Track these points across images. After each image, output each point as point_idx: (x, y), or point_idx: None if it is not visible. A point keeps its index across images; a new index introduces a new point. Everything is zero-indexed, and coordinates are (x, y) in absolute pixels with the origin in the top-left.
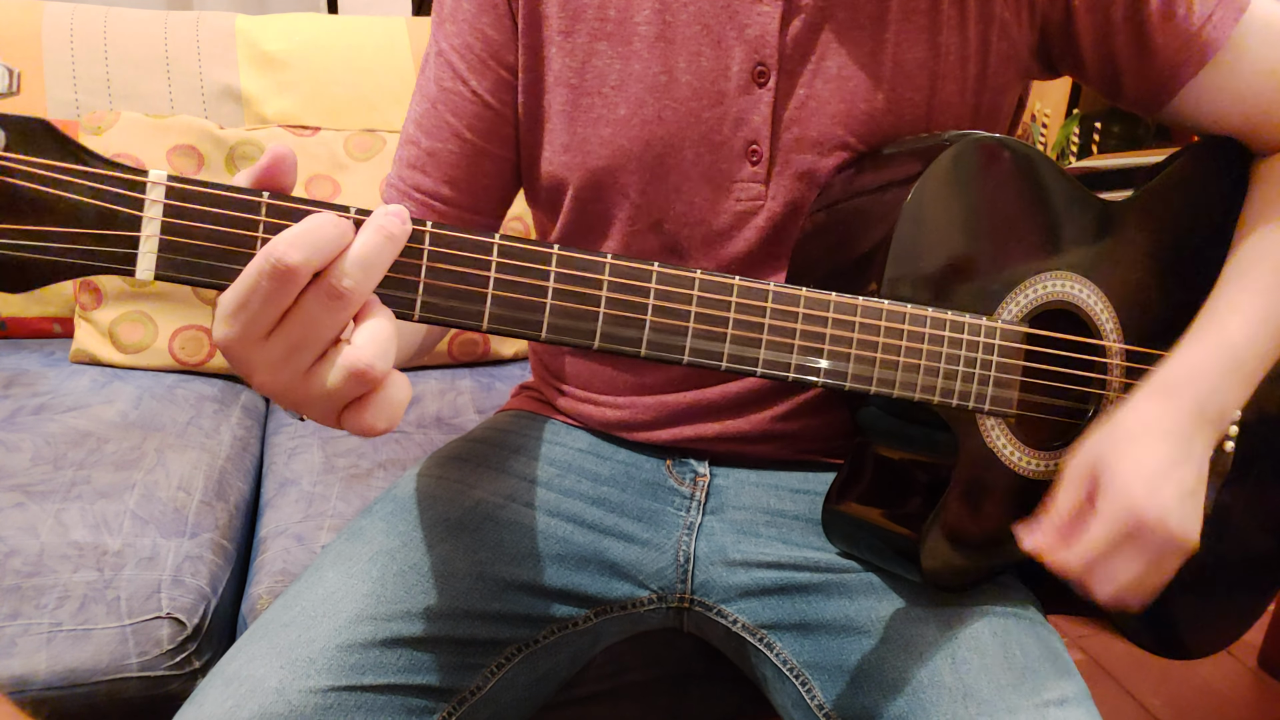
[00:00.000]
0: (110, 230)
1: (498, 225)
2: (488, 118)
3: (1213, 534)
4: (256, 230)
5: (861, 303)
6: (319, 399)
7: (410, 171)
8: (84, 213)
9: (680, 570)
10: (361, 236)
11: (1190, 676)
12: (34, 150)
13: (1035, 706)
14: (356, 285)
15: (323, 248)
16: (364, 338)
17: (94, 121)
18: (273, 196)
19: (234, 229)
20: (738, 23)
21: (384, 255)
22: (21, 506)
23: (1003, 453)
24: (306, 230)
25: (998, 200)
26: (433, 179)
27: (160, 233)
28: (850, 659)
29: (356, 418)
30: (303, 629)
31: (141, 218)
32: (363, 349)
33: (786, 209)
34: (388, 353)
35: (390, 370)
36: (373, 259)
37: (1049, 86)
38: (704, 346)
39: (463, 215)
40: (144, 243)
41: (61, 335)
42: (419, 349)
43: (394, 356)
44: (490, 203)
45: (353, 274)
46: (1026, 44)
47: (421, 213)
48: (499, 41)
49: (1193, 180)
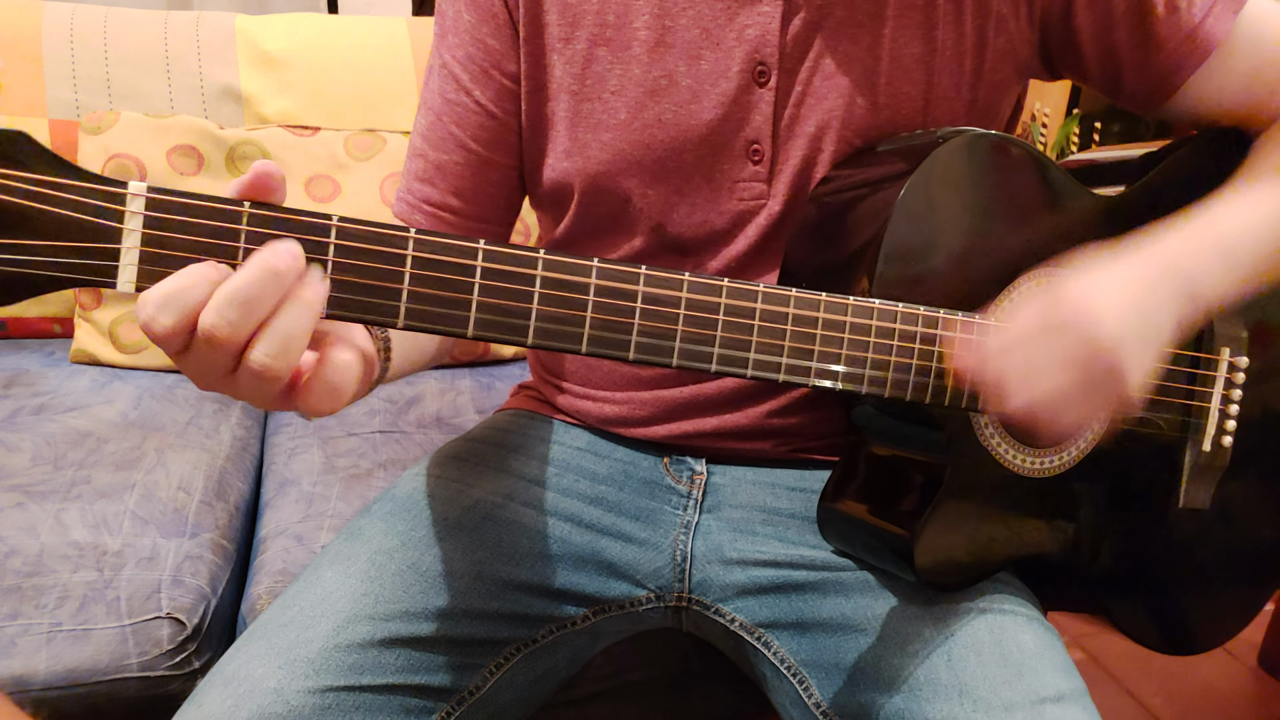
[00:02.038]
0: (91, 243)
1: (507, 234)
2: (492, 127)
3: (1211, 528)
4: (238, 240)
5: (852, 302)
6: (249, 396)
7: (419, 184)
8: (65, 225)
9: (677, 569)
10: (242, 273)
11: (1190, 675)
12: (15, 164)
13: (1032, 704)
14: (234, 327)
15: (188, 306)
16: (263, 336)
17: (94, 121)
18: (254, 206)
19: (215, 239)
20: (738, 24)
21: (267, 290)
22: (21, 506)
23: (997, 451)
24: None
25: (991, 196)
26: (440, 191)
27: (140, 244)
28: (847, 657)
29: (302, 402)
30: (301, 629)
31: (122, 230)
32: (257, 349)
33: (787, 207)
34: (286, 351)
35: (328, 354)
36: (252, 294)
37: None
38: (693, 349)
39: (470, 225)
40: (124, 254)
41: (61, 335)
42: (436, 353)
43: (297, 351)
44: (498, 211)
45: (227, 314)
46: (1025, 40)
47: (431, 225)
48: (500, 51)
49: (1189, 175)
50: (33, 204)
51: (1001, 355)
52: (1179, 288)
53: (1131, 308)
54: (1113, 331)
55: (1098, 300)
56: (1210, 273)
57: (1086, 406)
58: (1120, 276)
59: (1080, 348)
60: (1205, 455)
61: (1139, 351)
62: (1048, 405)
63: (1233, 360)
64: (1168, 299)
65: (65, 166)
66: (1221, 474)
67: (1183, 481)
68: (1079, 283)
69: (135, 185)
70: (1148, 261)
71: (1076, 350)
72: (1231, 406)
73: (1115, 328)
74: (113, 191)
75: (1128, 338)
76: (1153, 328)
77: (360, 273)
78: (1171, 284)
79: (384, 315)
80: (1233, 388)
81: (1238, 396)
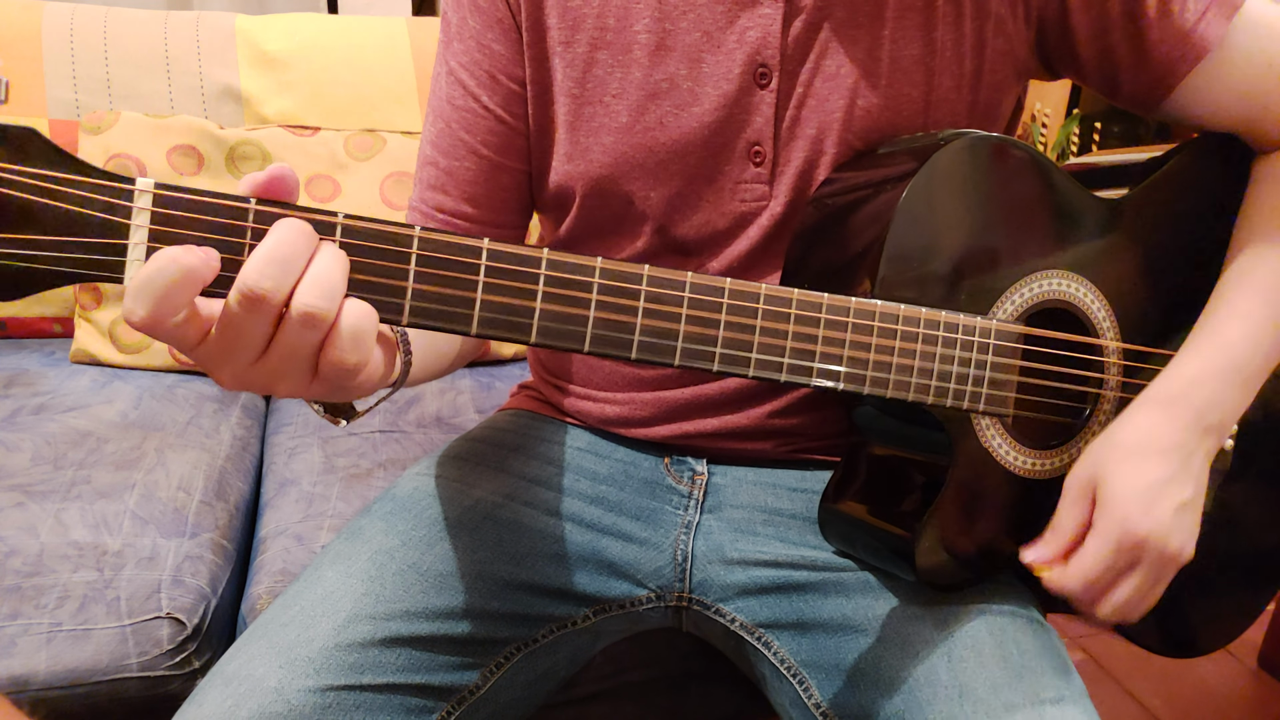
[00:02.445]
0: (99, 238)
1: (521, 237)
2: (501, 132)
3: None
4: (244, 237)
5: (854, 303)
6: (283, 366)
7: (431, 192)
8: (73, 221)
9: (678, 569)
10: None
11: (1190, 676)
12: (24, 159)
13: (1032, 705)
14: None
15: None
16: (306, 283)
17: (94, 121)
18: (259, 203)
19: (221, 235)
20: (738, 26)
21: (299, 246)
22: (21, 506)
23: (998, 452)
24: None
25: (993, 199)
26: (453, 198)
27: (148, 240)
28: (847, 658)
29: (326, 361)
30: (301, 628)
31: (129, 225)
32: (304, 293)
33: (789, 208)
34: (332, 290)
35: (344, 303)
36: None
37: (1049, 86)
38: (695, 349)
39: (486, 231)
40: (132, 250)
41: (61, 335)
42: (456, 356)
43: (339, 292)
44: (511, 216)
45: (268, 271)
46: (1023, 40)
47: None
48: (506, 56)
49: (1191, 178)
50: (40, 199)
51: (1085, 591)
52: (1209, 434)
53: (1178, 499)
54: (1174, 537)
55: (1153, 508)
56: (1230, 400)
57: (1163, 588)
58: (1156, 451)
59: (1152, 567)
60: None
61: (1192, 525)
62: (1133, 609)
63: None
64: (1202, 456)
65: (73, 162)
66: (1222, 477)
67: None
68: (1130, 487)
69: (143, 181)
70: (1177, 421)
71: (1150, 569)
72: None
73: (1175, 533)
74: (120, 188)
75: (1185, 529)
76: (1196, 490)
77: (365, 270)
78: (1203, 439)
79: (389, 312)
80: None
81: None
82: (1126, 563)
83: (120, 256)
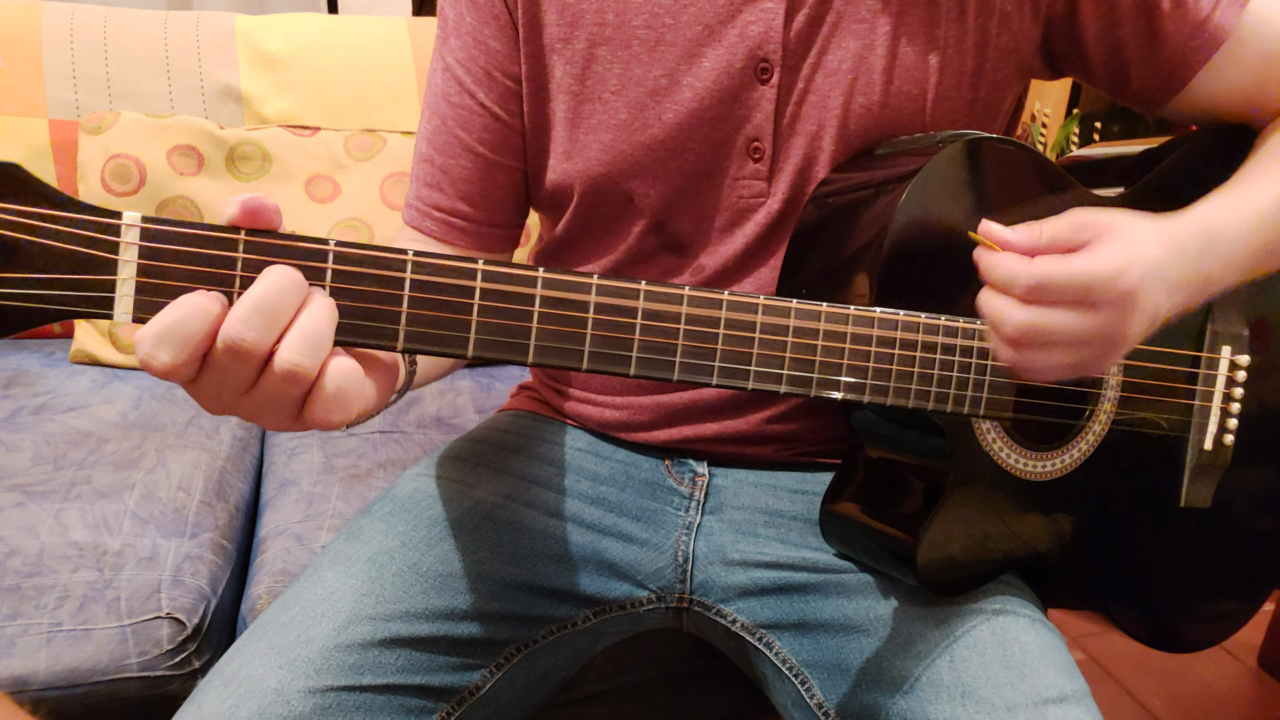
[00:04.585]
0: (87, 275)
1: (518, 235)
2: (497, 130)
3: (1212, 526)
4: (234, 269)
5: (853, 312)
6: (265, 409)
7: (427, 190)
8: (60, 258)
9: (679, 570)
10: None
11: (1190, 676)
12: (6, 196)
13: (1034, 704)
14: (260, 334)
15: (185, 338)
16: (290, 337)
17: (94, 121)
18: (249, 233)
19: (211, 268)
20: (740, 21)
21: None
22: (21, 506)
23: (999, 455)
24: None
25: (992, 200)
26: (449, 196)
27: (136, 275)
28: (849, 658)
29: (309, 414)
30: (301, 629)
31: (117, 260)
32: (287, 348)
33: (787, 205)
34: (316, 348)
35: (329, 362)
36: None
37: (1049, 86)
38: (693, 364)
39: (481, 230)
40: (120, 285)
41: (61, 335)
42: (452, 363)
43: (325, 349)
44: (507, 214)
45: (252, 323)
46: (1029, 38)
47: (442, 231)
48: (502, 53)
49: (1191, 174)
50: (26, 236)
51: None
52: (1207, 281)
53: (1168, 294)
54: (1143, 313)
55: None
56: (1237, 239)
57: (1084, 365)
58: (1166, 245)
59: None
60: (1207, 454)
61: (1151, 326)
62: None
63: (1234, 358)
64: (1188, 290)
65: (58, 197)
66: (1223, 472)
67: (1184, 480)
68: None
69: (129, 215)
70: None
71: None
72: (1233, 404)
73: (1145, 312)
74: (106, 223)
75: (1147, 320)
76: (1169, 306)
77: (359, 296)
78: (1191, 284)
79: (383, 338)
80: (1234, 386)
81: (1239, 394)
82: (1081, 296)
83: (109, 293)
